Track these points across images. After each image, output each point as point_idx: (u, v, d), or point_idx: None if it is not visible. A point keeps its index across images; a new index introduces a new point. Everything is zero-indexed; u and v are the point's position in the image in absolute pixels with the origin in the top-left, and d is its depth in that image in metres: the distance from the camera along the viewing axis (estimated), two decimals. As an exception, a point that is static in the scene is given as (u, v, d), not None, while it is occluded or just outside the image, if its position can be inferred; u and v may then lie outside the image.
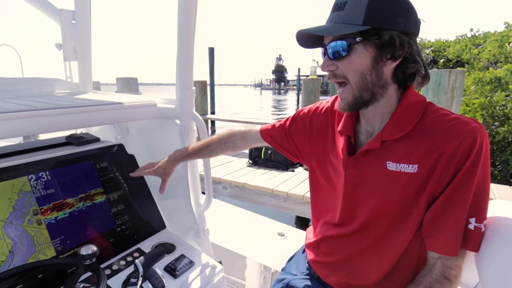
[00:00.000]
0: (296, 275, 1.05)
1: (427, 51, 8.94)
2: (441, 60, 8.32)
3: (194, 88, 1.31)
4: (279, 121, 1.11)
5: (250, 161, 5.40)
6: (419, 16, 0.76)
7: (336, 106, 0.87)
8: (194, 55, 1.24)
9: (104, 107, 1.19)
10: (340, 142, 0.89)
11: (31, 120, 1.00)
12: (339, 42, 0.74)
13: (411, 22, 0.74)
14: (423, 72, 0.78)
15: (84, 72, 1.61)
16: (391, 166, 0.78)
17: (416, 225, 0.78)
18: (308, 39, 0.80)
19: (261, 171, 5.02)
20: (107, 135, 1.53)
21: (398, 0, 0.73)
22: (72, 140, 1.32)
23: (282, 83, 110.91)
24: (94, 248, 0.90)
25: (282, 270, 1.16)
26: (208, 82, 11.22)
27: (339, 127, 0.90)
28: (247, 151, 5.57)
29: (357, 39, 0.73)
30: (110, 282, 1.07)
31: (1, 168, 1.03)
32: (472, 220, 0.73)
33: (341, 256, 0.90)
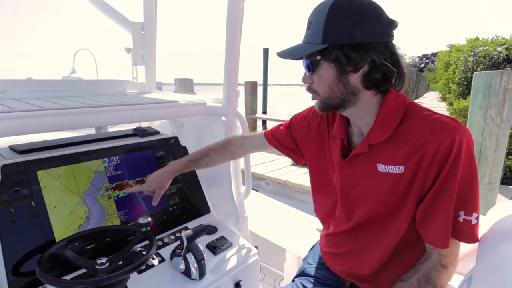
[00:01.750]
0: (311, 264, 1.15)
1: (499, 48, 8.12)
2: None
3: (238, 89, 1.47)
4: (281, 125, 1.18)
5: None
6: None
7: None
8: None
9: (163, 105, 1.41)
10: (335, 144, 0.96)
11: (106, 114, 1.24)
12: (306, 60, 0.83)
13: (372, 31, 0.76)
14: (395, 75, 0.81)
15: (150, 74, 1.87)
16: (381, 167, 0.84)
17: (408, 220, 0.84)
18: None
19: (304, 170, 5.08)
20: (165, 129, 1.78)
21: (354, 15, 0.75)
22: (137, 132, 1.57)
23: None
24: (149, 219, 1.11)
25: (303, 259, 1.26)
26: (261, 82, 11.49)
27: (333, 131, 0.96)
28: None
29: (318, 58, 0.80)
30: (161, 251, 1.28)
31: (82, 152, 1.29)
32: (461, 213, 0.78)
33: (347, 249, 0.98)
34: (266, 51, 11.40)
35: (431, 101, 19.01)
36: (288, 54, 0.84)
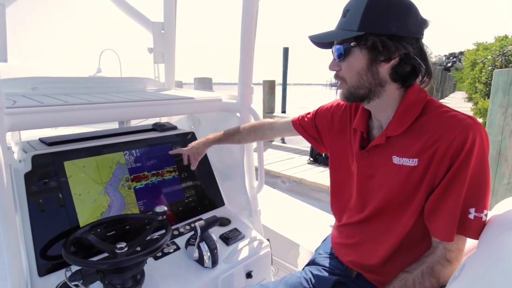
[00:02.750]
0: (322, 254, 1.18)
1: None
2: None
3: (252, 86, 1.52)
4: (307, 114, 1.22)
5: (311, 159, 5.49)
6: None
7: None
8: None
9: (180, 101, 1.48)
10: (356, 136, 0.99)
11: (127, 109, 1.32)
12: (339, 46, 0.85)
13: (406, 25, 0.79)
14: (423, 71, 0.83)
15: (169, 72, 1.96)
16: (396, 159, 0.86)
17: (417, 213, 0.86)
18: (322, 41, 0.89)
19: (320, 168, 5.10)
20: (183, 125, 1.85)
21: (393, 7, 0.78)
22: (156, 127, 1.64)
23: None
24: (165, 208, 1.17)
25: (315, 250, 1.29)
26: (281, 82, 11.49)
27: (354, 124, 0.99)
28: (308, 148, 5.68)
29: (352, 44, 0.82)
30: (176, 240, 1.35)
31: (105, 144, 1.38)
32: (472, 210, 0.78)
33: (357, 239, 1.01)
34: (286, 51, 11.37)
35: (457, 101, 18.36)
36: (322, 38, 0.87)
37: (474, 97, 10.10)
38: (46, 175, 1.18)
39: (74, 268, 0.99)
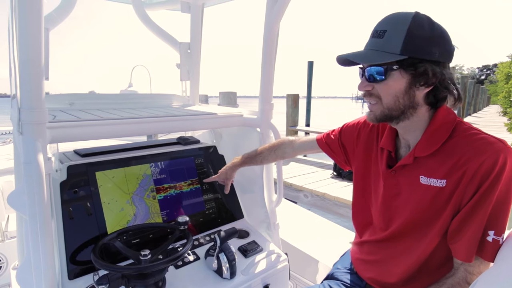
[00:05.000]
0: (340, 268, 1.18)
1: None
2: None
3: (273, 102, 1.57)
4: (332, 131, 1.24)
5: (334, 173, 5.43)
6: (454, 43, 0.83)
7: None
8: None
9: (203, 116, 1.55)
10: (382, 155, 1.00)
11: (155, 124, 1.41)
12: (377, 68, 0.83)
13: (445, 51, 0.81)
14: (456, 95, 0.84)
15: (194, 89, 2.06)
16: (423, 180, 0.86)
17: (440, 235, 0.85)
18: (347, 59, 0.87)
19: (344, 183, 5.02)
20: (206, 139, 1.92)
21: (435, 32, 0.79)
22: (180, 141, 1.73)
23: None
24: (186, 218, 1.23)
25: (333, 265, 1.29)
26: (305, 95, 11.51)
27: (381, 143, 1.00)
28: (331, 162, 5.62)
29: (394, 67, 0.81)
30: (196, 251, 1.40)
31: (133, 156, 1.47)
32: (491, 232, 0.78)
33: (378, 257, 1.01)
34: (310, 64, 11.40)
35: (491, 115, 17.52)
36: (359, 59, 0.85)
37: (509, 111, 9.62)
38: (79, 184, 1.28)
39: (101, 273, 1.06)
